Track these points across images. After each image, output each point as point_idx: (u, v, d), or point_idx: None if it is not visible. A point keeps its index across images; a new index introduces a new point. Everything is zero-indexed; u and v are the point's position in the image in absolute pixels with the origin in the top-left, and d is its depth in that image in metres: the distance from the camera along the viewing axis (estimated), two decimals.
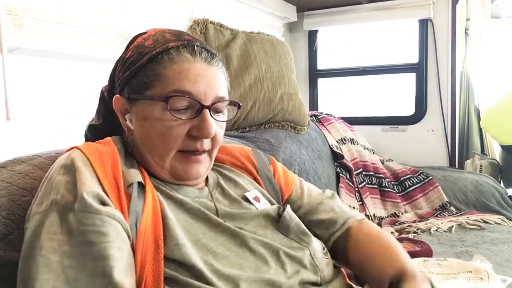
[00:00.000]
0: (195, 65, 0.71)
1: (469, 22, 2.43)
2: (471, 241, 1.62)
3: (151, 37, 0.75)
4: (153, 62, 0.71)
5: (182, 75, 0.70)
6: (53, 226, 0.58)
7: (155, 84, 0.70)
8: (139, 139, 0.73)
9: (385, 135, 2.52)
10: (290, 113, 1.86)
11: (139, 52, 0.73)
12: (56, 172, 0.63)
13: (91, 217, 0.58)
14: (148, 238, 0.62)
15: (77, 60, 1.39)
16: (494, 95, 2.45)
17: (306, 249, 0.75)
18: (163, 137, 0.70)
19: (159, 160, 0.72)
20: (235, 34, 1.79)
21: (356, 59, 2.64)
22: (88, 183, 0.61)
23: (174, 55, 0.71)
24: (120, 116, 0.75)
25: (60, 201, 0.59)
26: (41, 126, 1.32)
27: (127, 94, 0.73)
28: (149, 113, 0.71)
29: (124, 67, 0.74)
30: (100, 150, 0.67)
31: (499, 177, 2.39)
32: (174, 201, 0.71)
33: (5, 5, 1.04)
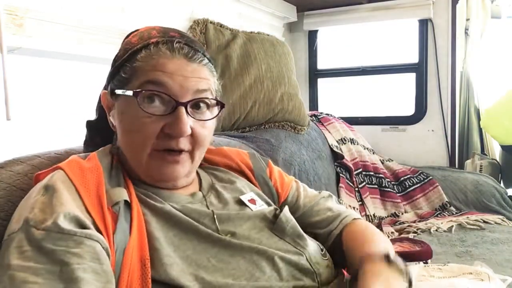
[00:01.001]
0: (173, 60, 0.69)
1: (469, 22, 2.43)
2: (471, 241, 1.62)
3: (139, 34, 0.75)
4: (132, 58, 0.71)
5: (157, 68, 0.68)
6: (24, 245, 0.55)
7: (132, 79, 0.70)
8: (119, 136, 0.73)
9: (385, 135, 2.52)
10: (290, 113, 1.86)
11: (124, 48, 0.74)
12: (36, 192, 0.62)
13: (64, 237, 0.56)
14: (134, 258, 0.61)
15: (77, 60, 1.38)
16: (494, 95, 2.45)
17: (302, 255, 0.73)
18: (137, 133, 0.68)
19: (135, 159, 0.71)
20: (235, 34, 1.79)
21: (356, 59, 2.64)
22: (66, 204, 0.59)
23: (152, 50, 0.69)
24: (107, 112, 0.76)
25: (34, 220, 0.57)
26: (41, 126, 1.31)
27: (110, 89, 0.74)
28: (125, 108, 0.70)
29: (112, 63, 0.76)
30: (83, 168, 0.66)
31: (499, 177, 2.38)
32: (162, 216, 0.68)
33: (5, 5, 1.03)
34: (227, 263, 0.66)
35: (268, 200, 0.86)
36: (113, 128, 0.76)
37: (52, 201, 0.59)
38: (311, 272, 0.72)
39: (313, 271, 0.72)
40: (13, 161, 0.81)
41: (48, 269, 0.54)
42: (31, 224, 0.57)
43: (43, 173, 0.70)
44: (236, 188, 0.83)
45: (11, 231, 0.59)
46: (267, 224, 0.77)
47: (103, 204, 0.63)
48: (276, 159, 1.62)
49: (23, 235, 0.56)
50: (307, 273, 0.72)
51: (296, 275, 0.70)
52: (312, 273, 0.72)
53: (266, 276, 0.67)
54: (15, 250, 0.55)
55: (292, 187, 0.94)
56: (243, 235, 0.72)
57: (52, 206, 0.59)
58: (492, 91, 2.56)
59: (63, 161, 0.81)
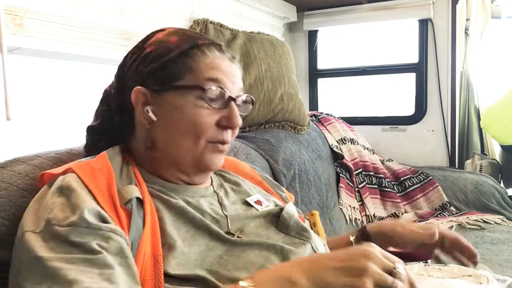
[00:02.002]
0: (224, 61, 0.76)
1: (469, 22, 2.43)
2: (471, 241, 1.61)
3: (174, 34, 0.77)
4: (183, 56, 0.73)
5: (214, 67, 0.74)
6: (50, 242, 0.57)
7: (186, 75, 0.73)
8: (166, 130, 0.74)
9: (385, 135, 2.52)
10: (290, 113, 1.86)
11: (164, 47, 0.74)
12: (51, 195, 0.63)
13: (92, 231, 0.58)
14: (148, 254, 0.62)
15: (77, 60, 1.38)
16: (494, 95, 2.45)
17: (308, 243, 0.76)
18: (195, 126, 0.72)
19: (189, 150, 0.73)
20: (235, 34, 1.79)
21: (356, 59, 2.64)
22: (87, 201, 0.61)
23: (206, 50, 0.75)
24: (138, 107, 0.75)
25: (56, 219, 0.58)
26: (41, 126, 1.31)
27: (152, 86, 0.74)
28: (181, 103, 0.72)
29: (147, 61, 0.74)
30: (94, 168, 0.67)
31: (499, 177, 2.39)
32: (175, 211, 0.70)
33: (5, 5, 1.03)
34: (238, 257, 0.68)
35: (276, 201, 0.89)
36: (147, 123, 0.74)
37: (71, 200, 0.61)
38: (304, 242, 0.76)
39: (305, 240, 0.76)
40: (14, 161, 0.81)
41: (81, 257, 0.55)
42: (54, 223, 0.58)
43: (49, 173, 0.70)
44: (242, 190, 0.85)
45: (29, 229, 0.59)
46: (273, 222, 0.80)
47: (116, 203, 0.64)
48: (276, 159, 1.62)
49: (47, 235, 0.57)
50: None
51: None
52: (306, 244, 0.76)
53: None
54: (42, 248, 0.56)
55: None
56: (251, 232, 0.74)
57: (73, 205, 0.60)
58: (492, 91, 2.56)
59: (63, 161, 0.81)
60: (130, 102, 0.75)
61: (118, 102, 0.79)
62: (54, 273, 0.53)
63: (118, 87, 0.79)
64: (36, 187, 0.75)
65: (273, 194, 0.93)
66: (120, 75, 0.79)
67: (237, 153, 1.40)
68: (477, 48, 2.49)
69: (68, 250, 0.56)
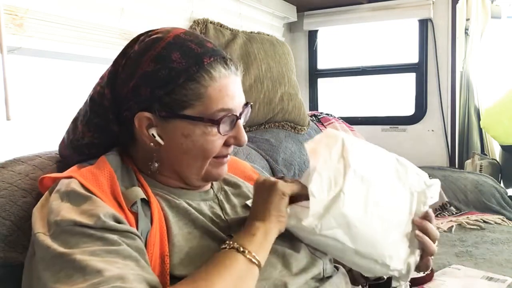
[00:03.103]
0: (230, 79, 0.72)
1: (469, 22, 2.43)
2: (471, 241, 1.62)
3: (175, 48, 0.69)
4: (191, 81, 0.68)
5: (223, 92, 0.70)
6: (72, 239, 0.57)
7: (196, 104, 0.69)
8: (174, 154, 0.72)
9: (385, 135, 2.52)
10: (290, 113, 1.86)
11: (167, 67, 0.68)
12: (57, 200, 0.63)
13: (110, 230, 0.59)
14: (156, 254, 0.63)
15: (77, 60, 1.38)
16: (494, 94, 2.45)
17: (306, 246, 0.76)
18: (204, 151, 0.71)
19: (196, 170, 0.73)
20: (235, 34, 1.79)
21: (356, 59, 2.64)
22: (101, 205, 0.61)
23: (211, 70, 0.70)
24: (143, 131, 0.71)
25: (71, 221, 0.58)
26: (41, 126, 1.31)
27: (157, 111, 0.69)
28: (191, 132, 0.70)
29: (149, 83, 0.69)
30: (95, 173, 0.67)
31: (499, 177, 2.39)
32: (179, 212, 0.70)
33: (5, 5, 1.03)
34: None
35: None
36: (153, 145, 0.71)
37: (80, 207, 0.61)
38: (316, 260, 0.76)
39: (319, 258, 0.76)
40: (14, 161, 0.81)
41: (104, 249, 0.56)
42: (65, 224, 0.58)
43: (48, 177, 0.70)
44: (242, 193, 0.85)
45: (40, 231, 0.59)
46: None
47: (123, 206, 0.64)
48: (276, 159, 1.62)
49: (62, 236, 0.57)
50: (314, 264, 0.75)
51: (305, 268, 0.73)
52: (318, 261, 0.76)
53: (278, 271, 0.70)
54: (61, 246, 0.56)
55: None
56: None
57: (85, 211, 0.60)
58: (492, 91, 2.56)
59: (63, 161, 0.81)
60: (128, 118, 0.72)
61: (115, 115, 0.74)
62: (81, 265, 0.53)
63: (112, 100, 0.73)
64: (36, 188, 0.75)
65: None
66: (114, 88, 0.73)
67: (237, 153, 1.40)
68: (477, 48, 2.49)
69: (89, 243, 0.56)
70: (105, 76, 0.77)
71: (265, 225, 0.66)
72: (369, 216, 0.68)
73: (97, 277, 0.52)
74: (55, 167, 0.82)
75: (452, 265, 1.37)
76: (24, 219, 0.72)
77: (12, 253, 0.69)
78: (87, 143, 0.76)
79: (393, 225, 0.71)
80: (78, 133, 0.77)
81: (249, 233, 0.65)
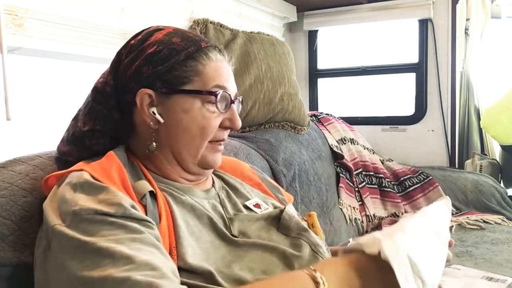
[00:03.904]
0: (224, 64, 0.79)
1: (469, 22, 2.43)
2: (471, 241, 1.62)
3: (174, 35, 0.77)
4: (190, 59, 0.75)
5: (219, 72, 0.77)
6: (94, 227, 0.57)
7: (195, 79, 0.74)
8: (173, 132, 0.74)
9: (385, 135, 2.52)
10: (290, 113, 1.86)
11: (169, 48, 0.74)
12: (69, 191, 0.62)
13: (133, 221, 0.59)
14: (166, 245, 0.63)
15: (77, 60, 1.38)
16: (494, 94, 2.45)
17: (307, 244, 0.77)
18: (203, 129, 0.75)
19: (193, 151, 0.75)
20: (235, 34, 1.79)
21: (356, 59, 2.64)
22: (119, 194, 0.62)
23: (209, 53, 0.77)
24: (144, 109, 0.74)
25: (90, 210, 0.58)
26: (41, 126, 1.31)
27: (159, 88, 0.74)
28: (190, 106, 0.74)
29: (151, 62, 0.74)
30: (106, 168, 0.68)
31: (499, 177, 2.39)
32: (184, 205, 0.72)
33: (5, 5, 1.03)
34: (242, 257, 0.69)
35: (275, 203, 0.90)
36: (153, 124, 0.74)
37: (97, 196, 0.61)
38: (317, 257, 0.76)
39: (321, 255, 0.77)
40: (14, 161, 0.81)
41: (128, 237, 0.56)
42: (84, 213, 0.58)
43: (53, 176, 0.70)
44: (241, 194, 0.86)
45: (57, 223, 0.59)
46: (274, 224, 0.80)
47: (134, 198, 0.65)
48: (276, 159, 1.62)
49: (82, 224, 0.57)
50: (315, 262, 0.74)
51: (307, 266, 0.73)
52: (319, 258, 0.76)
53: (280, 270, 0.70)
54: (83, 235, 0.55)
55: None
56: (253, 234, 0.75)
57: (103, 201, 0.60)
58: (492, 90, 2.56)
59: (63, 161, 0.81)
60: (129, 102, 0.75)
61: (116, 101, 0.77)
62: (109, 251, 0.53)
63: (115, 86, 0.77)
64: (37, 187, 0.75)
65: (271, 196, 0.94)
66: (117, 74, 0.77)
67: (237, 153, 1.40)
68: (477, 48, 2.49)
69: (112, 231, 0.56)
70: (107, 71, 0.81)
71: None
72: None
73: (127, 263, 0.52)
74: (55, 167, 0.82)
75: (452, 265, 1.37)
76: (24, 219, 0.72)
77: (13, 252, 0.69)
78: (87, 131, 0.77)
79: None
80: (79, 125, 0.79)
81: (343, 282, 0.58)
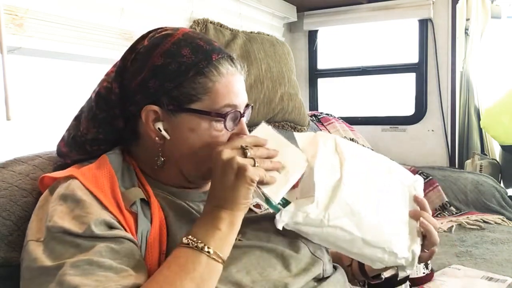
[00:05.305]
0: (236, 77, 0.74)
1: (469, 22, 2.43)
2: (471, 241, 1.62)
3: (184, 44, 0.71)
4: (200, 75, 0.70)
5: (229, 88, 0.72)
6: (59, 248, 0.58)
7: (204, 98, 0.70)
8: (179, 149, 0.72)
9: (385, 135, 2.52)
10: (290, 113, 1.86)
11: (177, 62, 0.70)
12: (53, 202, 0.64)
13: (100, 241, 0.59)
14: (155, 251, 0.64)
15: (77, 60, 1.38)
16: (494, 94, 2.45)
17: (305, 246, 0.76)
18: (209, 146, 0.71)
19: (199, 166, 0.73)
20: (235, 34, 1.79)
21: (356, 59, 2.64)
22: (92, 212, 0.61)
23: (219, 67, 0.72)
24: (149, 125, 0.71)
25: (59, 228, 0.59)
26: (41, 126, 1.31)
27: (165, 104, 0.70)
28: (197, 126, 0.71)
29: (158, 76, 0.70)
30: (96, 173, 0.67)
31: (499, 177, 2.38)
32: (178, 211, 0.71)
33: (5, 5, 1.03)
34: (239, 259, 0.69)
35: None
36: (159, 140, 0.72)
37: (73, 211, 0.61)
38: (316, 260, 0.75)
39: (319, 258, 0.76)
40: (14, 161, 0.81)
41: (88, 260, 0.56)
42: (54, 231, 0.59)
43: (48, 177, 0.70)
44: None
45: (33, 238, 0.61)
46: (272, 224, 0.78)
47: (121, 206, 0.65)
48: None
49: (51, 242, 0.59)
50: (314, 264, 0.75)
51: (305, 268, 0.73)
52: (318, 261, 0.76)
53: (277, 271, 0.70)
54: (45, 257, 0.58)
55: None
56: (252, 235, 0.74)
57: (78, 216, 0.60)
58: (492, 91, 2.56)
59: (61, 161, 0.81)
60: (133, 113, 0.73)
61: (121, 110, 0.74)
62: (60, 279, 0.54)
63: (120, 95, 0.74)
64: (37, 187, 0.75)
65: None
66: (122, 83, 0.74)
67: None
68: (477, 48, 2.49)
69: (74, 254, 0.57)
70: (111, 72, 0.77)
71: (231, 215, 0.63)
72: (370, 204, 0.70)
73: None
74: (55, 167, 0.82)
75: (452, 265, 1.37)
76: (24, 219, 0.72)
77: (12, 253, 0.69)
78: (91, 139, 0.76)
79: (392, 213, 0.73)
80: (81, 129, 0.77)
81: (213, 226, 0.62)
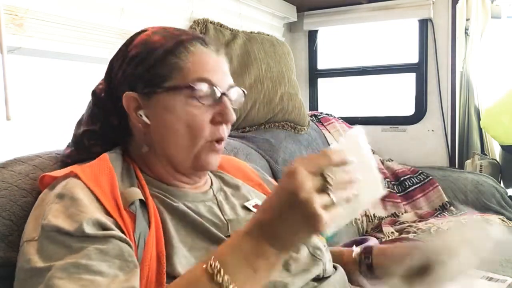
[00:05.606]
0: (210, 55, 0.74)
1: (469, 22, 2.43)
2: None
3: (156, 34, 0.75)
4: (169, 55, 0.72)
5: (202, 64, 0.72)
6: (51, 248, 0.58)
7: (174, 75, 0.71)
8: (161, 133, 0.73)
9: (385, 135, 2.52)
10: (290, 113, 1.86)
11: (149, 47, 0.73)
12: (50, 200, 0.64)
13: (90, 242, 0.58)
14: (153, 253, 0.63)
15: (77, 60, 1.38)
16: (494, 94, 2.45)
17: (305, 247, 0.76)
18: (189, 127, 0.71)
19: (185, 151, 0.73)
20: (235, 34, 1.79)
21: (356, 59, 2.64)
22: (86, 211, 0.61)
23: (190, 47, 0.73)
24: (131, 113, 0.74)
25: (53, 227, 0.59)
26: (41, 126, 1.31)
27: (141, 89, 0.72)
28: (172, 104, 0.71)
29: (132, 64, 0.73)
30: (96, 172, 0.68)
31: (499, 177, 2.39)
32: (176, 214, 0.70)
33: (5, 5, 1.03)
34: None
35: None
36: (142, 127, 0.73)
37: (69, 209, 0.61)
38: (316, 260, 0.76)
39: (319, 259, 0.76)
40: (14, 161, 0.81)
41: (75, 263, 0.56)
42: (47, 230, 0.59)
43: (49, 176, 0.71)
44: (241, 195, 0.85)
45: (29, 238, 0.61)
46: None
47: (120, 206, 0.64)
48: (276, 159, 1.62)
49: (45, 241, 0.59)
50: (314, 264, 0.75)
51: (305, 269, 0.73)
52: (318, 261, 0.76)
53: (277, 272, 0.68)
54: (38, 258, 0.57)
55: None
56: None
57: (71, 214, 0.60)
58: (492, 91, 2.56)
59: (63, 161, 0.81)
60: (122, 105, 0.74)
61: (112, 106, 0.76)
62: (48, 283, 0.54)
63: (109, 92, 0.77)
64: (37, 187, 0.75)
65: None
66: (109, 80, 0.78)
67: (237, 153, 1.40)
68: (477, 48, 2.49)
69: (65, 258, 0.56)
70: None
71: (277, 257, 0.54)
72: None
73: None
74: (55, 167, 0.82)
75: None
76: (24, 219, 0.72)
77: (12, 253, 0.69)
78: (88, 133, 0.78)
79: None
80: (81, 127, 0.80)
81: (248, 263, 0.53)
